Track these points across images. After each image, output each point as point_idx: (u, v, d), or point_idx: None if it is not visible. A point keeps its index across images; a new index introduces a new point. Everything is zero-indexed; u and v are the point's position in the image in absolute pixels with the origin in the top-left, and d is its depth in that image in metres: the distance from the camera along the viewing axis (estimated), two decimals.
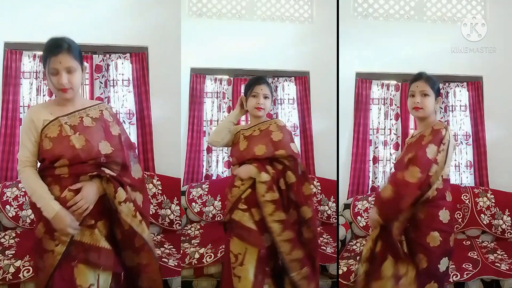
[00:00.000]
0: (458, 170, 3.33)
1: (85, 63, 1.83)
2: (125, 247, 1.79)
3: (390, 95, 3.35)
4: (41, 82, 3.06)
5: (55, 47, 1.69)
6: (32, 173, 1.72)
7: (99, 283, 1.72)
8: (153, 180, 3.03)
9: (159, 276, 1.90)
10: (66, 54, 1.70)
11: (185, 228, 3.05)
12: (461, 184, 3.29)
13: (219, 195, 3.13)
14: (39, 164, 1.77)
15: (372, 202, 3.09)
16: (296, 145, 2.18)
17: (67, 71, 1.70)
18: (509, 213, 3.02)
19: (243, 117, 3.29)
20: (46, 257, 1.68)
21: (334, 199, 3.16)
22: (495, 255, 2.80)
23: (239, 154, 2.12)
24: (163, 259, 2.64)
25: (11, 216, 2.82)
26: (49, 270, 1.66)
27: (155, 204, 2.98)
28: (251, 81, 2.21)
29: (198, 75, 3.33)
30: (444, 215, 1.87)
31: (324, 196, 3.21)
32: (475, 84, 3.32)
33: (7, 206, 2.82)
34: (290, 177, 2.06)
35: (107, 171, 1.74)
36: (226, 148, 3.32)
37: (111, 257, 1.74)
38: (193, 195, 3.16)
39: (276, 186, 2.04)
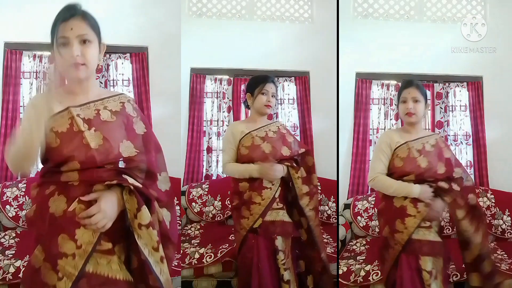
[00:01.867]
0: None
1: (104, 42, 1.45)
2: (139, 280, 1.38)
3: (390, 95, 3.35)
4: (41, 82, 3.06)
5: (66, 11, 1.34)
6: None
7: None
8: None
9: None
10: (80, 20, 1.35)
11: (185, 228, 3.05)
12: None
13: (219, 195, 3.13)
14: (40, 166, 1.42)
15: (372, 202, 3.10)
16: None
17: (81, 42, 1.34)
18: (509, 213, 3.02)
19: (243, 113, 3.30)
20: None
21: (334, 199, 3.16)
22: (495, 255, 2.80)
23: (263, 156, 2.16)
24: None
25: (11, 216, 2.82)
26: None
27: None
28: (260, 79, 2.23)
29: (198, 75, 3.33)
30: None
31: (324, 196, 3.20)
32: (475, 84, 3.32)
33: (7, 206, 2.82)
34: (302, 172, 2.26)
35: (131, 180, 1.35)
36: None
37: None
38: (193, 195, 3.16)
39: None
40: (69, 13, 1.34)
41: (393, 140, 2.05)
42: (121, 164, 1.40)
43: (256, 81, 2.23)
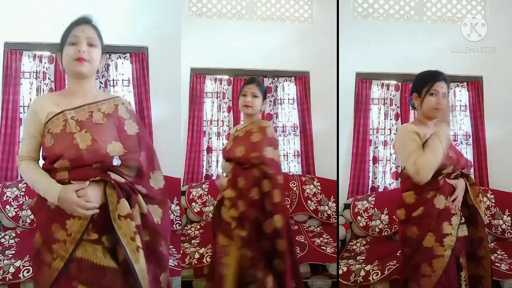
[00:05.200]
0: None
1: (105, 55, 1.67)
2: (127, 272, 1.49)
3: (390, 95, 3.35)
4: (41, 82, 3.06)
5: (81, 19, 1.59)
6: (29, 164, 1.55)
7: None
8: None
9: None
10: (90, 28, 1.58)
11: (185, 228, 3.05)
12: None
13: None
14: (42, 162, 1.58)
15: (372, 202, 3.10)
16: (275, 150, 2.03)
17: (89, 43, 1.55)
18: (509, 213, 3.02)
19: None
20: (44, 270, 1.47)
21: (334, 199, 3.16)
22: (495, 255, 2.80)
23: (225, 153, 2.17)
24: None
25: (11, 216, 2.82)
26: (46, 285, 1.46)
27: None
28: (244, 82, 2.26)
29: (198, 75, 3.33)
30: None
31: (324, 196, 3.21)
32: (475, 84, 3.33)
33: (7, 206, 2.82)
34: (265, 186, 1.92)
35: (114, 176, 1.51)
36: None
37: (118, 278, 1.49)
38: (193, 195, 3.16)
39: (245, 200, 1.92)
40: (83, 20, 1.58)
41: (419, 133, 1.82)
42: (116, 162, 1.54)
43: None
